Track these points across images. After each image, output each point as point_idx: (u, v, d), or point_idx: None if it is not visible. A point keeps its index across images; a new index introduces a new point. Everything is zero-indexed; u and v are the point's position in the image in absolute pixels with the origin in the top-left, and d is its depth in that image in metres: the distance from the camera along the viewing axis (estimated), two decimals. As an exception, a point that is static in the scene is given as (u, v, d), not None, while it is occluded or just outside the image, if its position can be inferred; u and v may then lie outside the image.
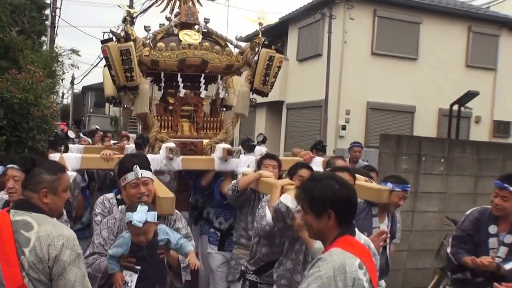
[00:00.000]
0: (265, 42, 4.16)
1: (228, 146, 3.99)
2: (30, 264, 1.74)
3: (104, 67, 4.33)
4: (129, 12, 3.97)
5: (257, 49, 4.23)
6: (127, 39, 3.65)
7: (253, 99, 4.41)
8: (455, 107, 9.32)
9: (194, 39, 4.12)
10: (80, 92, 34.42)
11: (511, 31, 13.99)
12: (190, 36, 4.14)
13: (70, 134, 3.97)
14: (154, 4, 4.60)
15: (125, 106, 4.85)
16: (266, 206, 2.85)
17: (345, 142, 10.69)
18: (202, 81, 4.45)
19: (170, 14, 4.40)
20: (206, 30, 4.35)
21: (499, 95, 13.76)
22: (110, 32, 3.70)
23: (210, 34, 4.34)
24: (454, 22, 13.15)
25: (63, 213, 2.74)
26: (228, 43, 4.38)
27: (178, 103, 4.25)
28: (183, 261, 2.58)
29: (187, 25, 4.29)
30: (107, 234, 2.58)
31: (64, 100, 36.48)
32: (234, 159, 3.90)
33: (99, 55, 18.25)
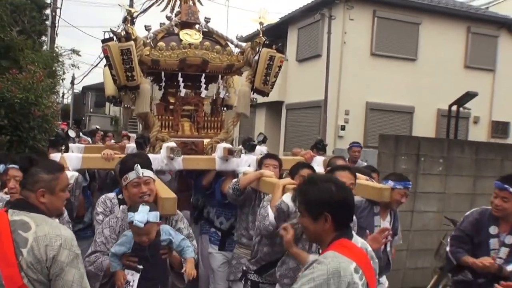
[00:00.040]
0: (265, 41, 4.16)
1: (229, 146, 3.99)
2: (28, 264, 1.73)
3: (104, 67, 4.33)
4: (129, 11, 3.96)
5: (257, 48, 4.21)
6: (128, 39, 3.64)
7: (254, 99, 4.40)
8: (454, 108, 9.32)
9: (194, 39, 4.12)
10: (80, 92, 34.44)
11: (510, 32, 13.98)
12: (190, 35, 4.13)
13: (71, 134, 3.96)
14: (154, 4, 4.60)
15: (125, 105, 4.85)
16: (268, 205, 2.84)
17: (344, 142, 10.69)
18: (203, 80, 4.46)
19: (171, 13, 4.39)
20: (206, 30, 4.34)
21: (498, 96, 13.76)
22: (110, 31, 3.70)
23: (210, 34, 4.34)
24: (453, 22, 13.14)
25: (65, 213, 2.73)
26: (228, 43, 4.37)
27: (178, 103, 4.25)
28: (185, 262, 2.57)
29: (188, 24, 4.29)
30: (109, 233, 2.58)
31: (64, 100, 36.49)
32: (235, 159, 3.90)
33: (100, 55, 18.26)
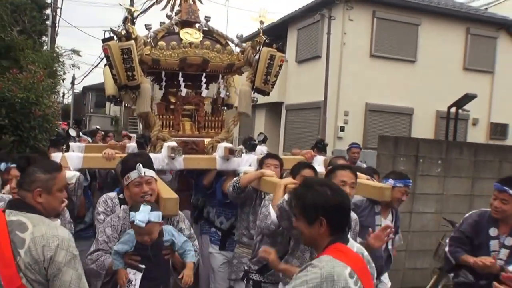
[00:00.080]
0: (266, 40, 4.14)
1: (230, 145, 3.98)
2: (26, 265, 1.73)
3: (105, 66, 4.32)
4: (130, 10, 3.94)
5: (258, 48, 4.20)
6: (128, 38, 3.63)
7: (254, 98, 4.39)
8: (453, 109, 9.35)
9: (195, 38, 4.11)
10: (80, 92, 34.47)
11: (509, 33, 13.95)
12: (191, 34, 4.12)
13: (72, 133, 3.94)
14: (155, 4, 4.59)
15: (126, 105, 4.84)
16: (270, 204, 2.84)
17: (343, 143, 10.68)
18: (203, 80, 4.46)
19: (171, 12, 4.37)
20: (207, 29, 4.33)
21: (496, 98, 13.75)
22: (110, 30, 3.68)
23: (211, 33, 4.33)
24: (453, 23, 13.11)
25: (66, 213, 2.73)
26: (229, 42, 4.36)
27: (179, 102, 4.24)
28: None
29: (188, 23, 4.28)
30: (111, 232, 2.58)
31: (64, 100, 36.52)
32: (236, 158, 3.89)
33: (100, 56, 18.27)
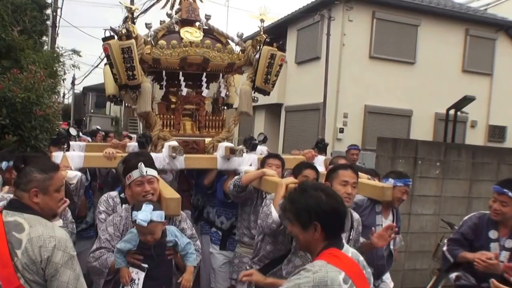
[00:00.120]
0: (266, 39, 4.11)
1: (231, 145, 3.97)
2: (23, 265, 1.72)
3: (105, 66, 4.31)
4: (130, 9, 3.91)
5: (258, 46, 4.18)
6: (129, 37, 3.61)
7: (255, 98, 4.38)
8: (452, 112, 9.36)
9: (195, 37, 4.09)
10: (81, 92, 34.46)
11: (508, 35, 13.91)
12: (191, 33, 4.11)
13: (72, 132, 3.93)
14: (155, 3, 4.58)
15: (126, 105, 4.83)
16: (271, 204, 2.83)
17: (342, 145, 10.65)
18: (204, 79, 4.44)
19: (171, 10, 4.36)
20: (207, 27, 4.31)
21: (495, 100, 13.72)
22: (110, 29, 3.67)
23: (211, 31, 4.31)
24: (452, 24, 13.06)
25: (68, 213, 2.72)
26: (229, 41, 4.35)
27: (180, 102, 4.23)
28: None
29: (188, 21, 4.26)
30: (113, 231, 2.59)
31: (65, 100, 36.49)
32: (237, 158, 3.88)
33: (100, 56, 18.29)
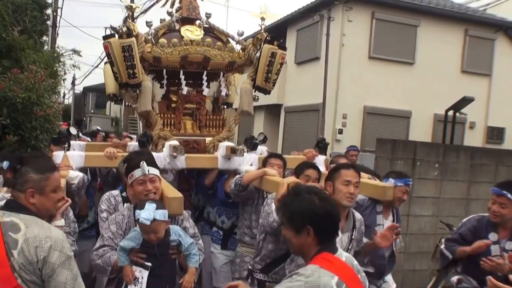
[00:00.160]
0: (267, 37, 4.08)
1: (232, 144, 3.95)
2: (20, 265, 1.72)
3: (105, 64, 4.29)
4: (130, 7, 3.89)
5: (259, 45, 4.15)
6: (129, 35, 3.60)
7: (256, 97, 4.36)
8: (450, 113, 9.35)
9: (196, 35, 4.07)
10: (81, 92, 34.44)
11: (507, 35, 13.88)
12: (191, 31, 4.09)
13: (72, 131, 3.92)
14: (155, 3, 4.57)
15: (126, 104, 4.82)
16: (272, 203, 2.82)
17: (341, 146, 10.63)
18: (204, 78, 4.43)
19: (171, 8, 4.34)
20: (207, 26, 4.29)
21: (494, 101, 13.68)
22: (110, 27, 3.66)
23: (211, 30, 4.29)
24: (451, 25, 13.01)
25: (70, 212, 2.71)
26: (230, 39, 4.33)
27: (180, 101, 4.22)
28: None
29: (189, 20, 4.24)
30: (116, 229, 2.58)
31: (65, 100, 36.48)
32: (237, 158, 3.86)
33: (100, 56, 18.28)
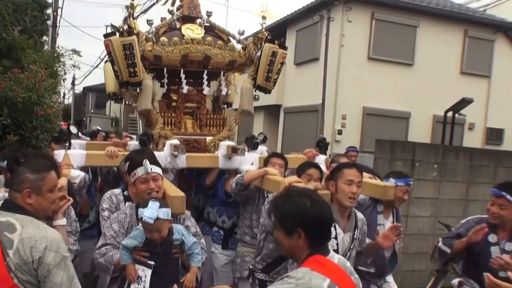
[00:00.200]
0: (268, 36, 4.07)
1: (232, 144, 3.94)
2: (15, 265, 1.72)
3: (106, 62, 4.28)
4: (131, 5, 3.87)
5: (260, 44, 4.14)
6: (130, 33, 3.59)
7: (256, 96, 4.35)
8: (450, 114, 9.36)
9: (196, 34, 4.07)
10: (81, 92, 34.44)
11: (506, 36, 13.86)
12: (192, 30, 4.08)
13: (73, 130, 3.91)
14: (156, 3, 4.56)
15: (127, 102, 4.81)
16: (273, 202, 2.81)
17: (341, 147, 10.62)
18: (205, 77, 4.42)
19: (172, 7, 4.33)
20: (208, 24, 4.29)
21: (493, 102, 13.67)
22: (111, 26, 3.65)
23: (212, 29, 4.28)
24: (451, 25, 13.00)
25: (72, 212, 2.70)
26: (230, 38, 4.32)
27: (181, 100, 4.21)
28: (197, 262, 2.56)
29: (190, 18, 4.23)
30: (118, 228, 2.57)
31: (65, 100, 36.46)
32: (238, 157, 3.85)
33: (100, 56, 18.29)
